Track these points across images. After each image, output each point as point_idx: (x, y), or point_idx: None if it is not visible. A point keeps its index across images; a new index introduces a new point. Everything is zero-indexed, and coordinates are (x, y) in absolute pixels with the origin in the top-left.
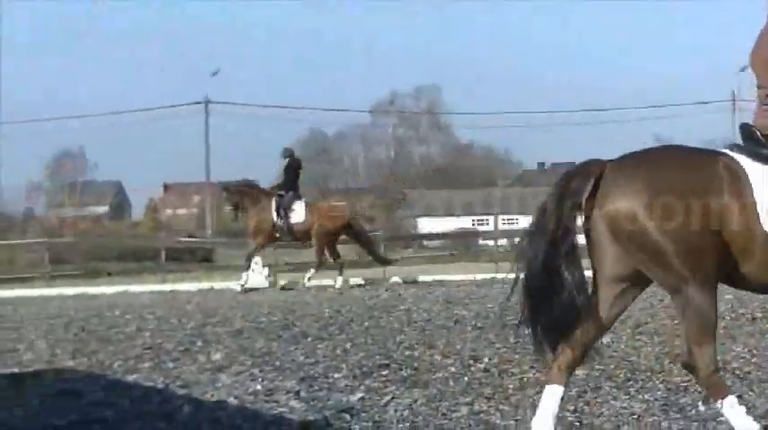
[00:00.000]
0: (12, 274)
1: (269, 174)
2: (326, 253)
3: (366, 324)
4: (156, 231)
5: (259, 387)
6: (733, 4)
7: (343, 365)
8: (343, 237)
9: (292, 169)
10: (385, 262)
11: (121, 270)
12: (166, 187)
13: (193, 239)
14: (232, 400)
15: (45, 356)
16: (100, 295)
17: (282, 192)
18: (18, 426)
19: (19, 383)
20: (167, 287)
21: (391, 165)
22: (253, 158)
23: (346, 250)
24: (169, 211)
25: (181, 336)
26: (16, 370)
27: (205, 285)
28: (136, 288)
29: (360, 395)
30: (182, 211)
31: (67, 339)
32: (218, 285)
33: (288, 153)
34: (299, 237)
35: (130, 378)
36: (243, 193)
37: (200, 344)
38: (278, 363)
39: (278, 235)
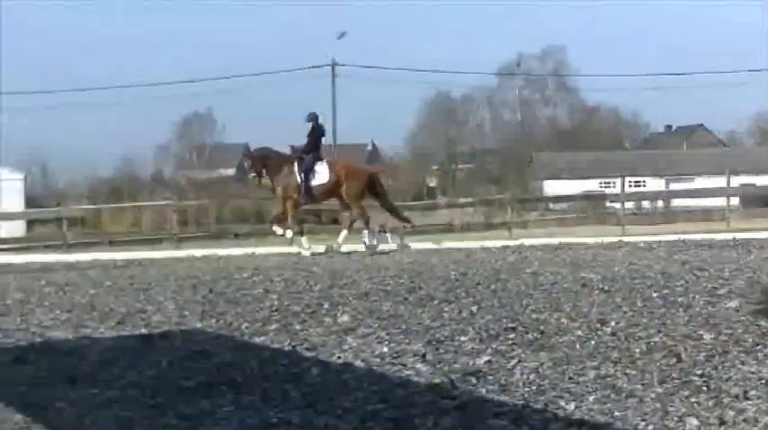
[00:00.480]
0: (140, 236)
1: (395, 135)
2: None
3: (493, 287)
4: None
5: (386, 349)
6: None
7: (470, 328)
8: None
9: (315, 134)
10: (406, 220)
11: (249, 231)
12: (294, 150)
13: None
14: (359, 363)
15: (174, 318)
16: (227, 257)
17: (303, 155)
18: (148, 387)
19: (148, 344)
20: (294, 249)
21: (518, 127)
22: (379, 120)
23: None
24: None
25: (308, 299)
26: (145, 331)
27: (333, 246)
28: (263, 250)
29: (486, 358)
30: None
31: (196, 301)
32: (344, 247)
33: (311, 117)
34: (320, 198)
35: (258, 340)
36: (265, 159)
37: (326, 306)
38: (404, 326)
39: (301, 199)
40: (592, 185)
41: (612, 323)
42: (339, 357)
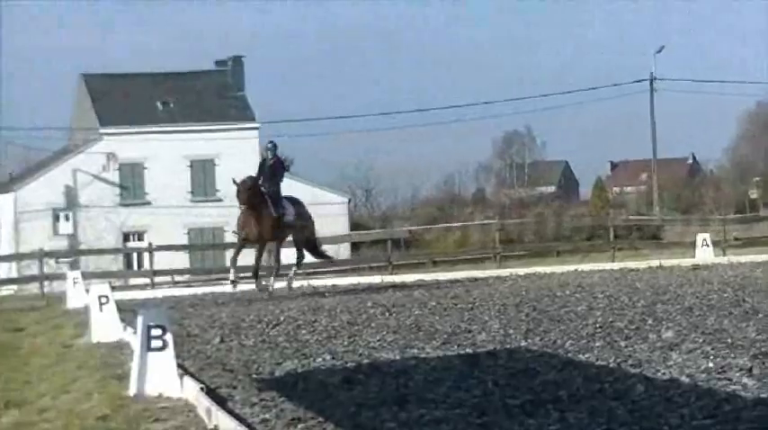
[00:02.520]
0: (464, 255)
1: (715, 147)
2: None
3: None
4: (604, 210)
5: (711, 364)
6: None
7: None
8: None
9: (272, 166)
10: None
11: (571, 249)
12: (613, 165)
13: (642, 217)
14: (684, 378)
15: (498, 337)
16: (550, 274)
17: (270, 192)
18: (475, 406)
19: (474, 364)
20: (616, 265)
21: None
22: (698, 134)
23: None
24: (616, 189)
25: (631, 315)
26: (470, 350)
27: (654, 262)
28: (585, 266)
29: None
30: (629, 189)
31: (520, 319)
32: (666, 262)
33: (272, 146)
34: (287, 236)
35: (583, 357)
36: (251, 191)
37: (650, 322)
38: (730, 340)
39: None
40: None
41: None
42: (664, 373)
